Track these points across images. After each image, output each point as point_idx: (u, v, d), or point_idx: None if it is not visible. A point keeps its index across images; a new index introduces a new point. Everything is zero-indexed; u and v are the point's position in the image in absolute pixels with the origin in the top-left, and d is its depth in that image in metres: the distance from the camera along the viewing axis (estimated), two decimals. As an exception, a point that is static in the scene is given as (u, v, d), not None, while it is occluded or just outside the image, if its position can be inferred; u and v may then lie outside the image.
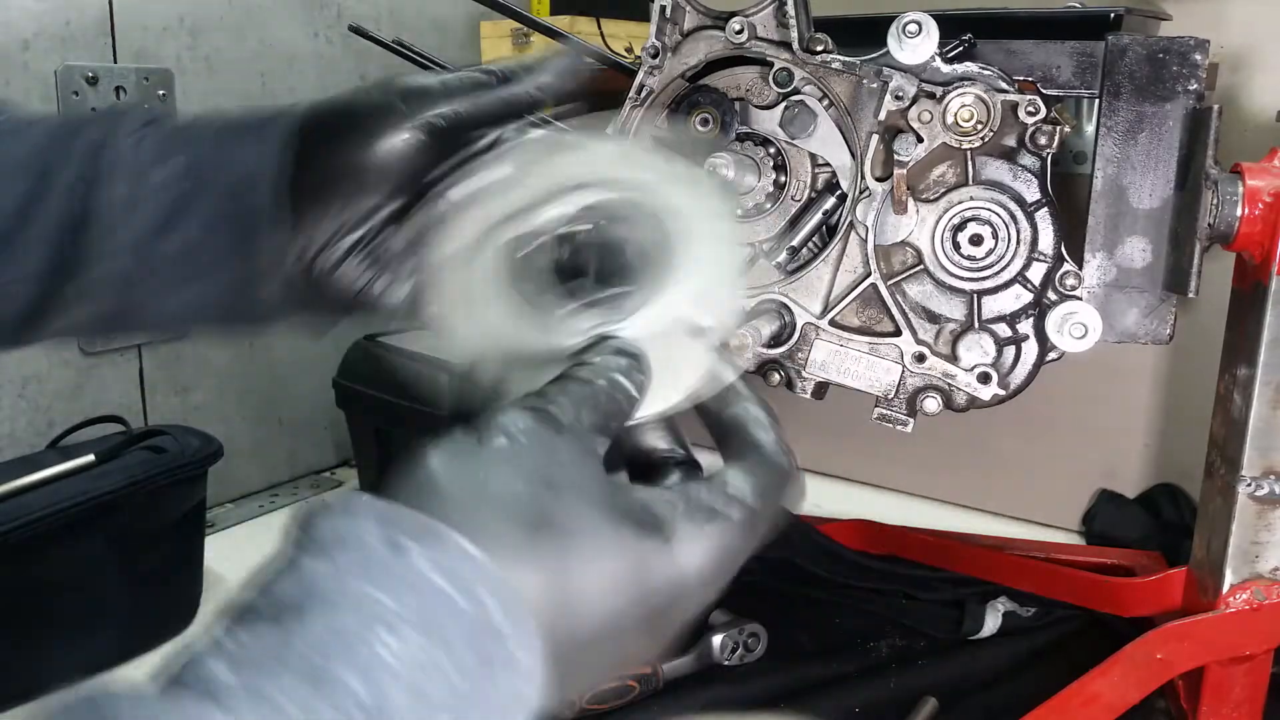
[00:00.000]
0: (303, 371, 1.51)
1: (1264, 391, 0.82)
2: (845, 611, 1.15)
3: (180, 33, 1.30)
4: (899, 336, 0.84)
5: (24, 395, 1.21)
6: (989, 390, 0.83)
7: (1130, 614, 1.04)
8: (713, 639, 1.02)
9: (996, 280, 0.82)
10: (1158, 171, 0.82)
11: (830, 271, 0.85)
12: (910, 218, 0.83)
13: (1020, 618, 1.12)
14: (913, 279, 0.85)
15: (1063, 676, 0.89)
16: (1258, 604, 0.86)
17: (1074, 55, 0.86)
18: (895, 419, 0.85)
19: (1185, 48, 0.81)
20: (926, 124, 0.80)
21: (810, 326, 0.85)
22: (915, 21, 0.79)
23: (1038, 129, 0.80)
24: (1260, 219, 0.80)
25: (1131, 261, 0.84)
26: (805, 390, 0.86)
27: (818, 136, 0.85)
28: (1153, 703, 0.93)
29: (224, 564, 1.19)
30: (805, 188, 0.86)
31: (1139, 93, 0.82)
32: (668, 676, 0.99)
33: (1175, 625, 0.89)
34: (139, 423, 1.28)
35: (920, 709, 0.96)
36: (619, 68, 0.94)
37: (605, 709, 0.95)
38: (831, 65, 0.83)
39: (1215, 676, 0.89)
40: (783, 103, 0.85)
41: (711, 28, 0.86)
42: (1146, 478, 1.33)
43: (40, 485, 1.00)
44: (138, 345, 1.31)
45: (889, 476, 1.50)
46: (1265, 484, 0.84)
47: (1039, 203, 0.82)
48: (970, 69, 0.81)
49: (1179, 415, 1.29)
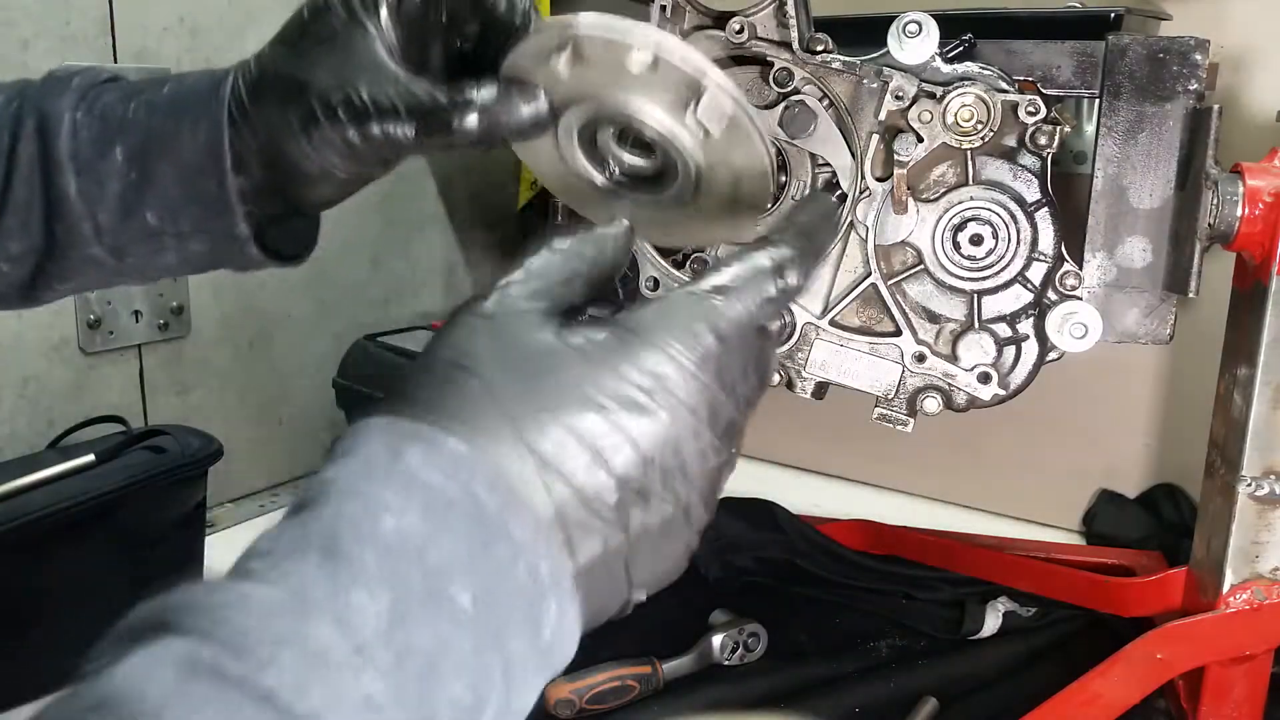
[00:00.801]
0: (303, 371, 1.51)
1: (1264, 391, 0.82)
2: (845, 611, 1.15)
3: (180, 33, 1.30)
4: (899, 336, 0.84)
5: (24, 395, 1.21)
6: (989, 390, 0.83)
7: (1130, 614, 1.04)
8: (713, 639, 1.02)
9: (997, 280, 0.82)
10: (1158, 171, 0.82)
11: (830, 271, 0.85)
12: (910, 218, 0.83)
13: (1020, 618, 1.12)
14: (913, 279, 0.85)
15: (1063, 676, 0.89)
16: (1258, 604, 0.86)
17: (1074, 55, 0.86)
18: (895, 419, 0.85)
19: (1185, 48, 0.81)
20: (927, 124, 0.80)
21: (810, 326, 0.85)
22: (915, 21, 0.79)
23: (1038, 129, 0.80)
24: (1260, 219, 0.80)
25: (1132, 261, 0.84)
26: (805, 390, 0.86)
27: (818, 136, 0.85)
28: (1153, 703, 0.93)
29: (224, 564, 1.18)
30: (805, 188, 0.86)
31: (1139, 93, 0.82)
32: (668, 676, 0.99)
33: (1175, 625, 0.89)
34: (139, 423, 1.27)
35: (920, 709, 0.96)
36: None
37: (605, 709, 0.95)
38: (831, 65, 0.83)
39: (1215, 676, 0.89)
40: (783, 103, 0.85)
41: (711, 28, 0.86)
42: (1146, 478, 1.33)
43: (40, 485, 1.00)
44: (138, 345, 1.31)
45: (889, 476, 1.50)
46: (1265, 484, 0.84)
47: (1039, 203, 0.82)
48: (970, 69, 0.81)
49: (1179, 415, 1.29)
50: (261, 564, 0.31)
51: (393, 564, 0.31)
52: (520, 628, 0.33)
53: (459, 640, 0.31)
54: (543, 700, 0.94)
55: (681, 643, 1.03)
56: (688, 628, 1.06)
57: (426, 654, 0.30)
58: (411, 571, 0.31)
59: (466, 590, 0.32)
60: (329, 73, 0.52)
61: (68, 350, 1.24)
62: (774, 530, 1.28)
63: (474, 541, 0.33)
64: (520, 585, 0.33)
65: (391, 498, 0.32)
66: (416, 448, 0.34)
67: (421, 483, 0.33)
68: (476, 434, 0.35)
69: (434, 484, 0.33)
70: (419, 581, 0.31)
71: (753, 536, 1.27)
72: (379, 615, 0.30)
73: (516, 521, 0.34)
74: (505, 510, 0.34)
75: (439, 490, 0.33)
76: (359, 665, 0.29)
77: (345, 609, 0.30)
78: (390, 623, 0.30)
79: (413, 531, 0.32)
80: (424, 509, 0.32)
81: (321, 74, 0.52)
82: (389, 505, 0.32)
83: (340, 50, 0.52)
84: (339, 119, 0.52)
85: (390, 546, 0.31)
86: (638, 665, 0.98)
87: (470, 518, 0.33)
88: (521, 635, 0.33)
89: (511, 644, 0.33)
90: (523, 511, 0.34)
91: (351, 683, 0.28)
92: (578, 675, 0.95)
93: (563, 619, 0.35)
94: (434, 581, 0.31)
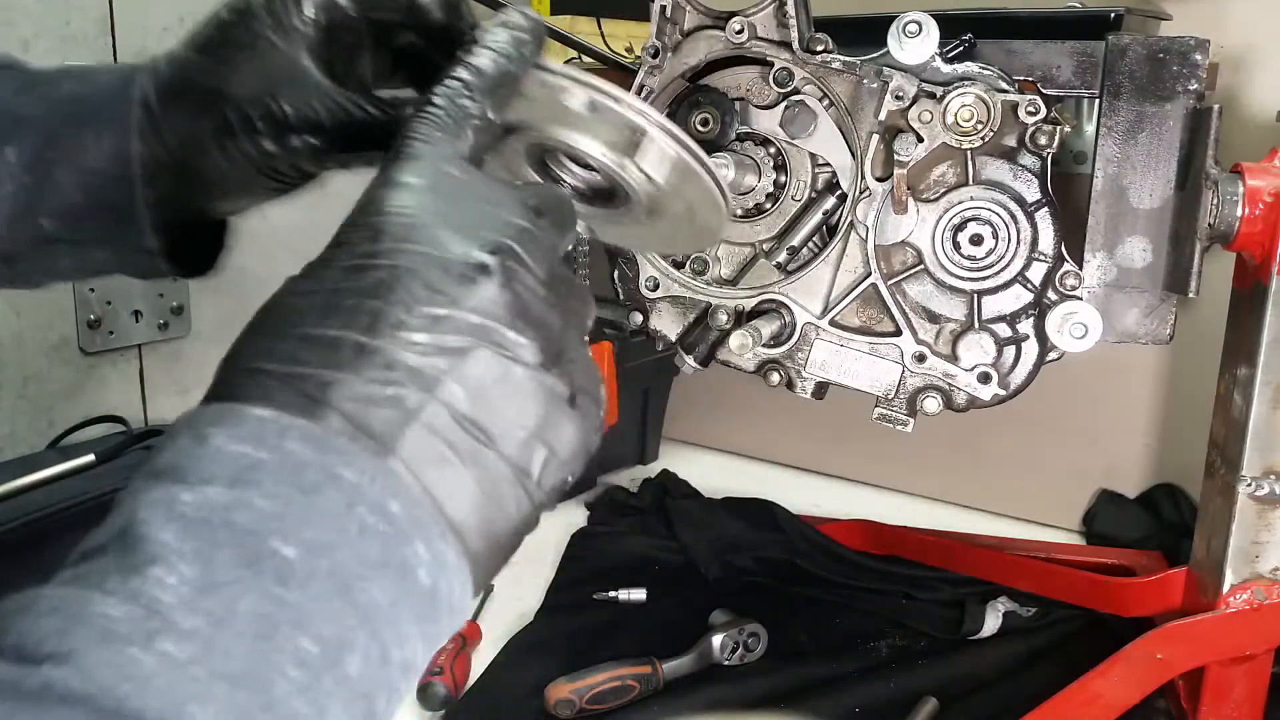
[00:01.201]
0: (303, 371, 1.51)
1: (1264, 391, 0.82)
2: (845, 611, 1.15)
3: (180, 32, 1.29)
4: (899, 336, 0.84)
5: (24, 395, 1.21)
6: (989, 390, 0.83)
7: (1130, 614, 1.04)
8: (713, 639, 1.02)
9: (997, 280, 0.82)
10: (1158, 171, 0.82)
11: (830, 271, 0.85)
12: (910, 218, 0.83)
13: (1020, 618, 1.12)
14: (913, 279, 0.85)
15: (1063, 676, 0.89)
16: (1258, 604, 0.86)
17: (1074, 55, 0.86)
18: (895, 419, 0.85)
19: (1185, 48, 0.81)
20: (927, 124, 0.80)
21: (810, 326, 0.85)
22: (915, 21, 0.79)
23: (1038, 129, 0.80)
24: (1260, 219, 0.80)
25: (1132, 261, 0.84)
26: (805, 390, 0.86)
27: (818, 136, 0.85)
28: (1153, 703, 0.93)
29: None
30: (805, 188, 0.86)
31: (1139, 93, 0.82)
32: (668, 676, 0.99)
33: (1175, 625, 0.89)
34: (139, 423, 1.28)
35: (920, 709, 0.96)
36: (619, 68, 0.94)
37: (605, 709, 0.95)
38: (831, 65, 0.83)
39: (1215, 676, 0.89)
40: (783, 103, 0.85)
41: (711, 28, 0.86)
42: (1146, 478, 1.33)
43: (40, 485, 1.00)
44: (138, 345, 1.31)
45: (889, 476, 1.50)
46: (1265, 484, 0.84)
47: (1039, 203, 0.82)
48: (970, 69, 0.81)
49: (1179, 415, 1.29)
50: (67, 571, 0.31)
51: (197, 535, 0.30)
52: (378, 573, 0.32)
53: (291, 595, 0.30)
54: (543, 700, 0.94)
55: (681, 643, 1.03)
56: (688, 628, 1.06)
57: (256, 614, 0.30)
58: (218, 536, 0.30)
59: (289, 544, 0.31)
60: (248, 81, 0.49)
61: (68, 350, 1.24)
62: (774, 530, 1.28)
63: (292, 494, 0.32)
64: (368, 530, 0.32)
65: (193, 476, 0.32)
66: (220, 426, 0.33)
67: (226, 455, 0.32)
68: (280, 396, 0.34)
69: (240, 453, 0.32)
70: (231, 547, 0.30)
71: (753, 536, 1.27)
72: (178, 585, 0.29)
73: (344, 465, 0.33)
74: (327, 457, 0.32)
75: (246, 457, 0.32)
76: (152, 632, 0.28)
77: (139, 588, 0.29)
78: (199, 589, 0.29)
79: (215, 500, 0.31)
80: (230, 478, 0.32)
81: (240, 82, 0.49)
82: (189, 484, 0.31)
83: (261, 58, 0.49)
84: (257, 131, 0.49)
85: (190, 519, 0.31)
86: (638, 665, 0.98)
87: (284, 474, 0.32)
88: (380, 580, 0.32)
89: (369, 591, 0.32)
90: (350, 455, 0.33)
91: (141, 652, 0.28)
92: (578, 675, 0.95)
93: (440, 560, 0.33)
94: (248, 541, 0.31)
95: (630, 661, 0.98)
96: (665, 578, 1.20)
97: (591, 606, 1.14)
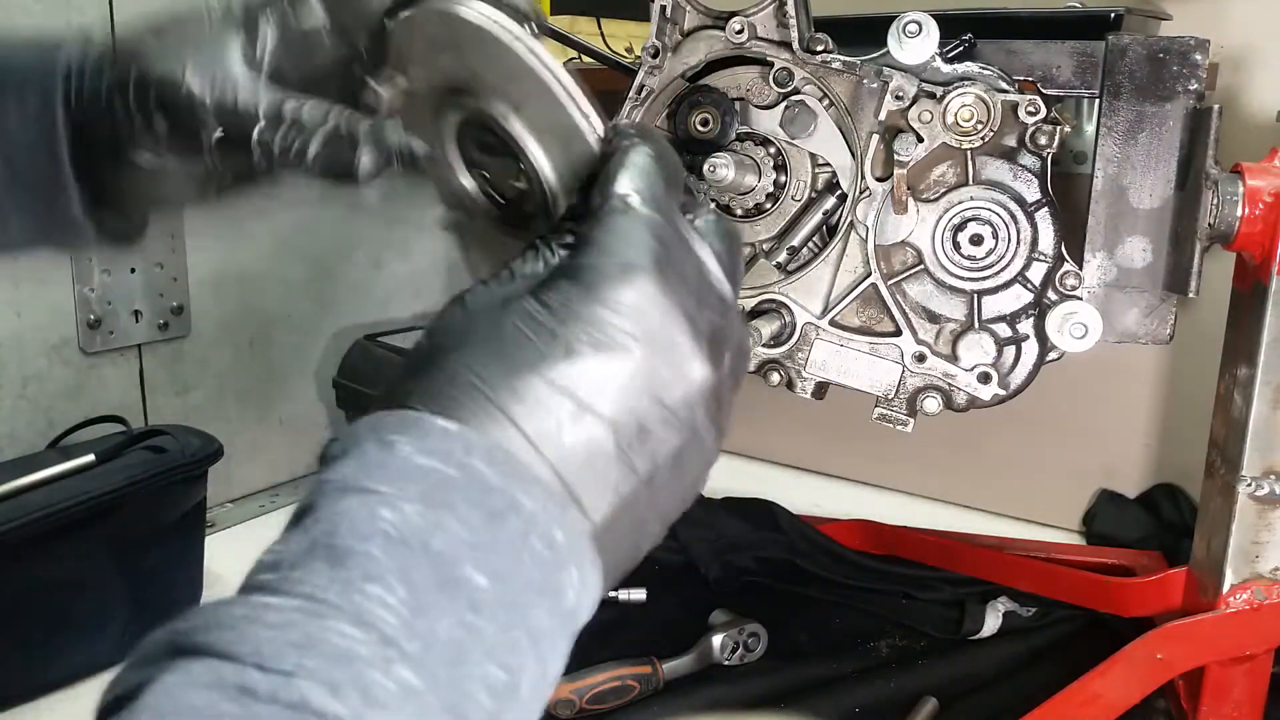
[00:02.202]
0: (303, 371, 1.51)
1: (1264, 391, 0.82)
2: (845, 611, 1.15)
3: (180, 33, 1.30)
4: (899, 336, 0.84)
5: (24, 395, 1.21)
6: (989, 390, 0.83)
7: (1130, 614, 1.04)
8: (713, 639, 1.02)
9: (997, 280, 0.82)
10: (1158, 171, 0.82)
11: (830, 271, 0.85)
12: (910, 218, 0.83)
13: (1020, 618, 1.12)
14: (913, 279, 0.85)
15: (1063, 676, 0.89)
16: (1258, 604, 0.86)
17: (1074, 55, 0.86)
18: (895, 419, 0.85)
19: (1185, 48, 0.81)
20: (927, 124, 0.80)
21: (810, 326, 0.85)
22: (915, 21, 0.79)
23: (1038, 129, 0.80)
24: (1260, 219, 0.80)
25: (1132, 261, 0.84)
26: (805, 390, 0.86)
27: (818, 136, 0.85)
28: (1153, 703, 0.93)
29: (224, 564, 1.19)
30: (805, 188, 0.86)
31: (1139, 93, 0.82)
32: (668, 676, 0.99)
33: (1175, 625, 0.89)
34: (139, 423, 1.28)
35: (920, 709, 0.96)
36: (619, 68, 0.94)
37: (605, 709, 0.95)
38: (831, 65, 0.83)
39: (1215, 676, 0.89)
40: (783, 103, 0.85)
41: (711, 28, 0.86)
42: (1146, 478, 1.33)
43: (40, 485, 1.00)
44: (138, 345, 1.31)
45: (889, 476, 1.50)
46: (1265, 484, 0.84)
47: (1039, 203, 0.82)
48: (970, 69, 0.81)
49: (1179, 415, 1.29)
50: (271, 576, 0.31)
51: (400, 555, 0.31)
52: (542, 599, 0.33)
53: (482, 622, 0.31)
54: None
55: (681, 643, 1.03)
56: (688, 628, 1.06)
57: (452, 640, 0.30)
58: (419, 561, 0.31)
59: (480, 572, 0.31)
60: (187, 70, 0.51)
61: (68, 350, 1.24)
62: (774, 530, 1.28)
63: (481, 520, 0.32)
64: (537, 558, 0.33)
65: (388, 489, 0.32)
66: (406, 435, 0.33)
67: (417, 468, 0.32)
68: (464, 410, 0.34)
69: (430, 468, 0.32)
70: (429, 570, 0.31)
71: (753, 536, 1.27)
72: (398, 606, 0.29)
73: (524, 491, 0.33)
74: (509, 482, 0.33)
75: (437, 473, 0.32)
76: (389, 658, 0.28)
77: (363, 605, 0.29)
78: (412, 612, 0.30)
79: (414, 520, 0.31)
80: (424, 495, 0.32)
81: (172, 68, 0.51)
82: (386, 497, 0.32)
83: (205, 50, 0.51)
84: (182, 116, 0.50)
85: (393, 538, 0.31)
86: (638, 665, 0.98)
87: (473, 496, 0.32)
88: (543, 605, 0.33)
89: (535, 616, 0.32)
90: (528, 480, 0.33)
91: (383, 677, 0.28)
92: (578, 675, 0.95)
93: (585, 581, 0.34)
94: (445, 568, 0.31)
95: (630, 661, 0.98)
96: (665, 577, 1.20)
97: (591, 606, 1.14)
